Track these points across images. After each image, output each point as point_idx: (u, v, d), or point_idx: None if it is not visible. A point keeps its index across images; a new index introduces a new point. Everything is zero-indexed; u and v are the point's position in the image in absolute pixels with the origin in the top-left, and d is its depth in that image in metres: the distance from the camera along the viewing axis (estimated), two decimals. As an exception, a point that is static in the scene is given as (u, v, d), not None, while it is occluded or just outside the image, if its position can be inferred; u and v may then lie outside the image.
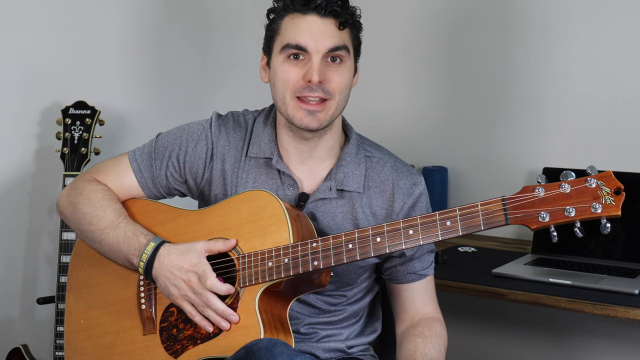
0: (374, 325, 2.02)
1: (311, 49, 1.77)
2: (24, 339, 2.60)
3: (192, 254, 1.74)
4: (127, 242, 1.82)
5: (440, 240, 1.61)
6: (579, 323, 2.85)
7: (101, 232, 1.86)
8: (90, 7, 2.77)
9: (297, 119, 1.80)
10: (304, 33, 1.77)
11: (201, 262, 1.73)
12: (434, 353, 1.80)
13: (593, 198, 1.50)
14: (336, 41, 1.79)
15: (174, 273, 1.74)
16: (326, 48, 1.77)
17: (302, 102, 1.79)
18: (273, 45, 1.84)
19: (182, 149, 1.92)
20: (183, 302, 1.75)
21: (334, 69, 1.80)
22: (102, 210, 1.88)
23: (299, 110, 1.79)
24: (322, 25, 1.78)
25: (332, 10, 1.77)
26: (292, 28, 1.79)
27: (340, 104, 1.83)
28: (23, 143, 2.65)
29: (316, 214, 1.86)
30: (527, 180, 2.93)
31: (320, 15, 1.78)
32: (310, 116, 1.79)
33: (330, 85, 1.79)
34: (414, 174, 1.92)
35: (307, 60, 1.78)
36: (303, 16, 1.79)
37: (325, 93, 1.78)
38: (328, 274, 1.78)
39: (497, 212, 1.56)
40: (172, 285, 1.74)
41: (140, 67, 2.97)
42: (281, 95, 1.81)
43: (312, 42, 1.77)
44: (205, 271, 1.72)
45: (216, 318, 1.71)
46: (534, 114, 2.95)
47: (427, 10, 3.18)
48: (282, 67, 1.80)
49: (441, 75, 3.18)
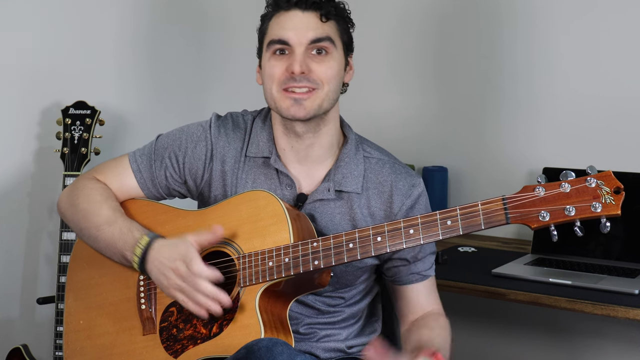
0: (373, 326, 2.02)
1: (293, 41, 1.80)
2: (24, 339, 2.60)
3: (182, 245, 1.73)
4: (123, 238, 1.82)
5: (441, 240, 1.61)
6: (579, 323, 2.85)
7: (97, 228, 1.87)
8: (90, 7, 2.77)
9: (284, 108, 1.81)
10: (287, 28, 1.81)
11: (189, 251, 1.71)
12: (440, 341, 1.80)
13: (593, 197, 1.50)
14: (319, 33, 1.81)
15: (164, 263, 1.74)
16: (308, 40, 1.80)
17: (289, 92, 1.80)
18: (262, 46, 1.87)
19: (182, 150, 1.92)
20: (174, 291, 1.73)
21: (319, 60, 1.81)
22: (99, 207, 1.89)
23: (285, 100, 1.80)
24: (304, 19, 1.81)
25: (313, 3, 1.81)
26: (276, 25, 1.83)
27: (330, 95, 1.83)
28: (23, 143, 2.65)
29: (314, 214, 1.86)
30: (527, 179, 2.93)
31: (301, 9, 1.82)
32: (296, 105, 1.80)
33: (316, 75, 1.80)
34: (413, 176, 1.92)
35: (291, 53, 1.81)
36: (286, 12, 1.83)
37: (311, 82, 1.80)
38: (328, 273, 1.78)
39: (497, 211, 1.56)
40: (162, 275, 1.74)
41: (140, 67, 2.97)
42: (269, 91, 1.83)
43: (294, 34, 1.80)
44: (192, 258, 1.70)
45: (207, 302, 1.69)
46: (534, 113, 2.95)
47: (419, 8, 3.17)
48: (269, 64, 1.83)
49: (437, 74, 3.17)
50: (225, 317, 1.72)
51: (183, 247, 1.73)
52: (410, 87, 3.23)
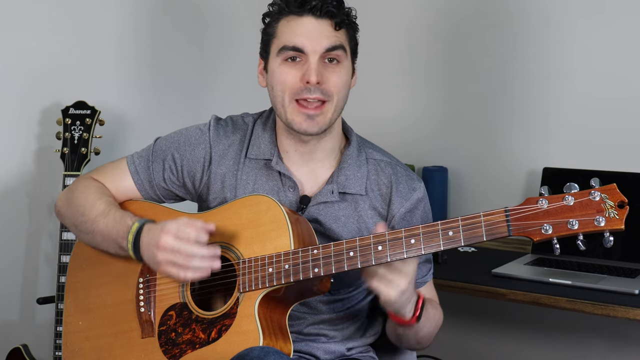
0: (374, 327, 2.02)
1: (308, 49, 1.77)
2: (24, 339, 2.60)
3: (171, 222, 1.71)
4: (116, 227, 1.82)
5: (442, 250, 1.60)
6: (579, 323, 2.85)
7: (93, 221, 1.87)
8: (90, 7, 2.77)
9: (296, 123, 1.80)
10: (300, 34, 1.78)
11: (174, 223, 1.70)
12: (430, 310, 1.81)
13: (597, 211, 1.49)
14: (333, 41, 1.79)
15: (151, 243, 1.73)
16: (323, 48, 1.78)
17: (301, 106, 1.78)
18: (270, 49, 1.84)
19: (180, 153, 1.92)
20: (167, 266, 1.71)
21: (332, 69, 1.80)
22: (94, 201, 1.89)
23: (298, 115, 1.79)
24: (318, 26, 1.78)
25: (327, 11, 1.78)
26: (288, 30, 1.80)
27: (339, 105, 1.83)
28: (23, 143, 2.66)
29: (319, 217, 1.86)
30: (527, 179, 2.93)
31: (315, 17, 1.78)
32: (309, 120, 1.79)
33: (328, 86, 1.79)
34: (414, 180, 1.92)
35: (304, 61, 1.78)
36: (299, 18, 1.79)
37: (324, 94, 1.78)
38: (328, 280, 1.77)
39: (499, 223, 1.55)
40: (152, 254, 1.72)
41: (139, 67, 2.97)
42: (280, 99, 1.81)
43: (309, 42, 1.77)
44: (179, 228, 1.69)
45: (205, 264, 1.68)
46: (534, 114, 2.94)
47: (426, 10, 3.17)
48: (280, 70, 1.80)
49: (440, 74, 3.17)
50: (224, 322, 1.72)
51: (173, 225, 1.70)
52: (414, 88, 3.23)
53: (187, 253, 1.68)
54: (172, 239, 1.69)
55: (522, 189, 2.94)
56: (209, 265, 1.69)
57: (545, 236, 1.52)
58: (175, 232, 1.69)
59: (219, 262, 1.70)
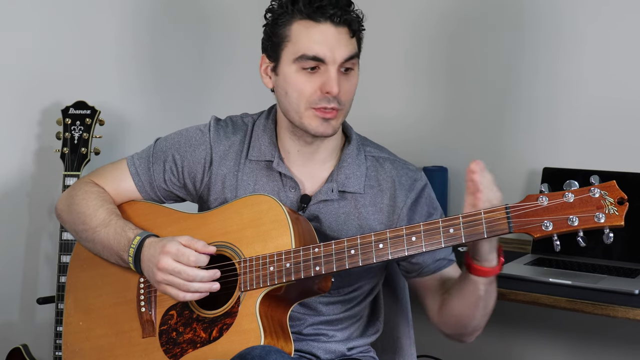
0: (375, 326, 2.02)
1: (329, 59, 1.74)
2: (24, 339, 2.60)
3: (172, 243, 1.72)
4: (117, 239, 1.82)
5: (443, 247, 1.60)
6: (579, 323, 2.85)
7: (93, 230, 1.87)
8: (90, 7, 2.77)
9: (312, 127, 1.79)
10: (320, 43, 1.74)
11: (179, 248, 1.70)
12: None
13: (596, 208, 1.49)
14: (350, 50, 1.77)
15: (151, 260, 1.73)
16: (342, 58, 1.75)
17: (319, 110, 1.77)
18: (282, 52, 1.79)
19: (181, 154, 1.92)
20: (165, 287, 1.72)
21: (347, 79, 1.78)
22: (95, 210, 1.89)
23: (315, 119, 1.78)
24: (337, 35, 1.75)
25: (345, 19, 1.75)
26: (306, 37, 1.75)
27: (348, 109, 1.84)
28: (23, 143, 2.66)
29: (319, 215, 1.86)
30: (527, 179, 2.93)
31: (334, 24, 1.74)
32: (325, 124, 1.78)
33: (344, 96, 1.78)
34: (415, 171, 1.92)
35: (323, 70, 1.76)
36: (316, 24, 1.75)
37: (340, 104, 1.77)
38: (329, 279, 1.77)
39: (500, 219, 1.55)
40: (151, 272, 1.74)
41: (139, 67, 2.97)
42: (295, 106, 1.79)
43: (330, 52, 1.74)
44: (179, 250, 1.70)
45: (204, 287, 1.70)
46: (534, 114, 2.94)
47: (430, 11, 3.17)
48: (297, 78, 1.77)
49: (442, 75, 3.17)
50: (226, 321, 1.72)
51: (173, 246, 1.71)
52: (417, 88, 3.22)
53: (187, 276, 1.70)
54: (172, 261, 1.70)
55: (522, 189, 2.94)
56: (208, 287, 1.71)
57: (546, 233, 1.52)
58: (175, 254, 1.70)
59: (217, 284, 1.71)
